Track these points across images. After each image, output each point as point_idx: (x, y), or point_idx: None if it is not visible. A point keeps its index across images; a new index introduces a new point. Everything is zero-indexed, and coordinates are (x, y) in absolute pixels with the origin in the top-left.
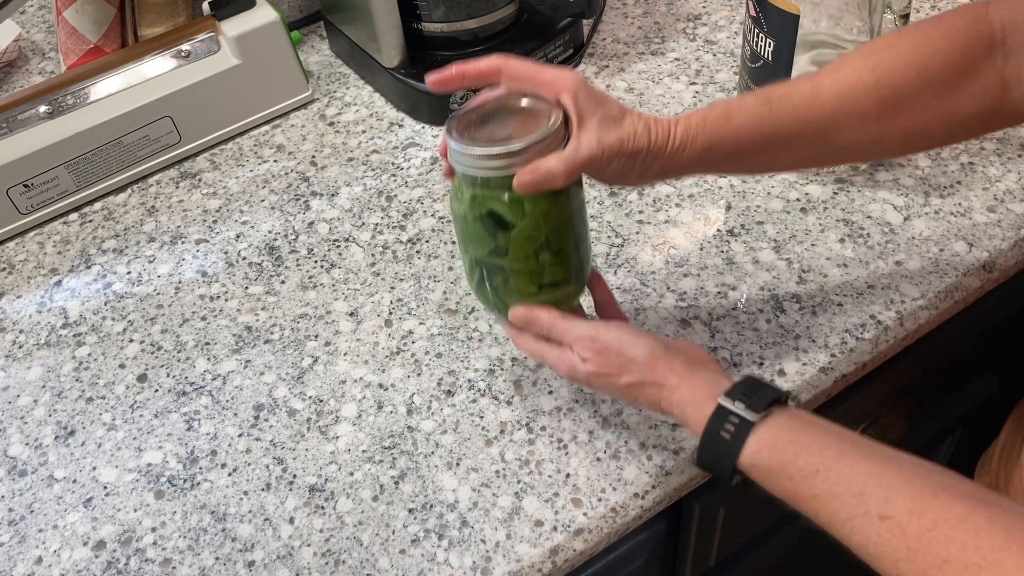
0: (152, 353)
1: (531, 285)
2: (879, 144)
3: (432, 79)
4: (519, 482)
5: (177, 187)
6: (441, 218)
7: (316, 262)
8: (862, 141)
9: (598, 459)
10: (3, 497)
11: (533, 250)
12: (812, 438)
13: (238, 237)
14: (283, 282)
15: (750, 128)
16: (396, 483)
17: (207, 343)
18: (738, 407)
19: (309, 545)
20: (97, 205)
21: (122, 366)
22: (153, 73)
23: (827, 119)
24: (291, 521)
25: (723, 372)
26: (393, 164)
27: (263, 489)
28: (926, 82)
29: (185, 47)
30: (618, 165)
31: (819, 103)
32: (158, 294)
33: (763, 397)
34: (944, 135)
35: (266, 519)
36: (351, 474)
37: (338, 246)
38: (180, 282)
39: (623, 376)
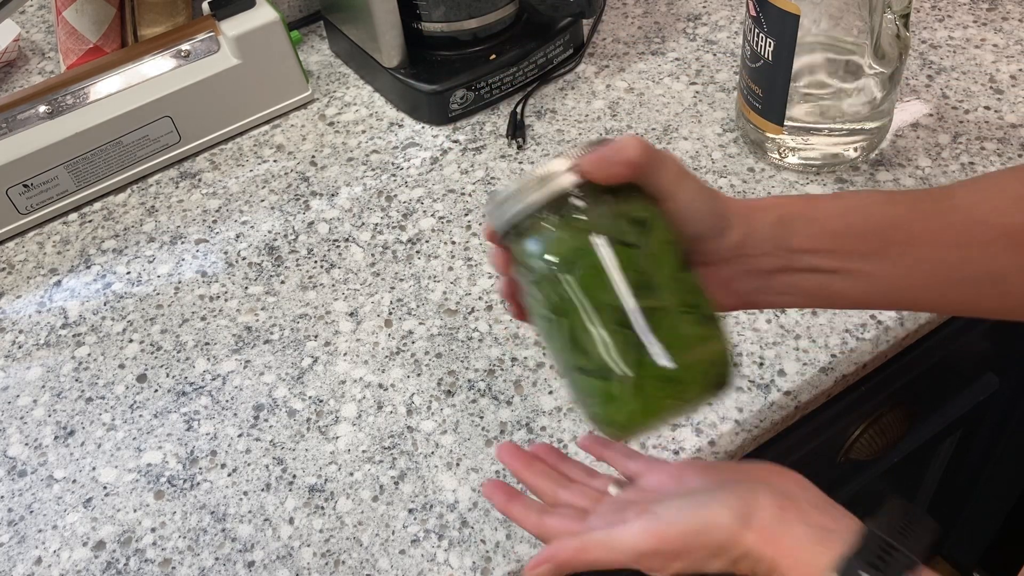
0: (152, 353)
1: (697, 321)
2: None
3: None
4: (519, 483)
5: (177, 187)
6: (441, 218)
7: (316, 262)
8: (1005, 267)
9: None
10: (2, 497)
11: (677, 260)
12: None
13: (238, 237)
14: (283, 282)
15: (860, 211)
16: (396, 483)
17: (207, 343)
18: None
19: (309, 545)
20: (97, 205)
21: (122, 366)
22: (153, 73)
23: (959, 225)
24: (291, 521)
25: (816, 501)
26: (393, 164)
27: (263, 489)
28: None
29: (185, 47)
30: (695, 190)
31: (951, 205)
32: (158, 294)
33: (891, 572)
34: None
35: (266, 519)
36: (351, 474)
37: (338, 246)
38: (180, 282)
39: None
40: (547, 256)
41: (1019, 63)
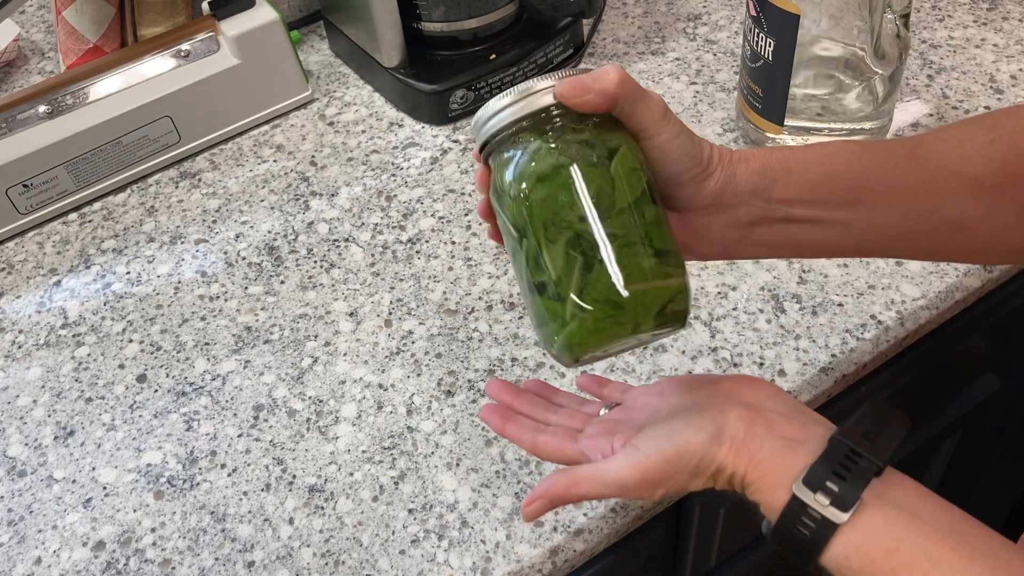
0: (151, 353)
1: (648, 254)
2: (992, 226)
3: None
4: (519, 482)
5: (177, 187)
6: (441, 218)
7: (316, 262)
8: (972, 215)
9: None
10: (2, 497)
11: (640, 191)
12: (916, 545)
13: (238, 237)
14: (283, 282)
15: (836, 163)
16: (396, 483)
17: (206, 343)
18: (820, 501)
19: (309, 545)
20: (96, 205)
21: (121, 366)
22: (153, 73)
23: (930, 175)
24: (291, 521)
25: (786, 411)
26: (393, 164)
27: (263, 489)
28: None
29: (185, 47)
30: (676, 133)
31: (921, 154)
32: (157, 294)
33: (856, 479)
34: None
35: (266, 519)
36: (351, 474)
37: (338, 246)
38: (179, 282)
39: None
40: (514, 173)
41: (1019, 63)
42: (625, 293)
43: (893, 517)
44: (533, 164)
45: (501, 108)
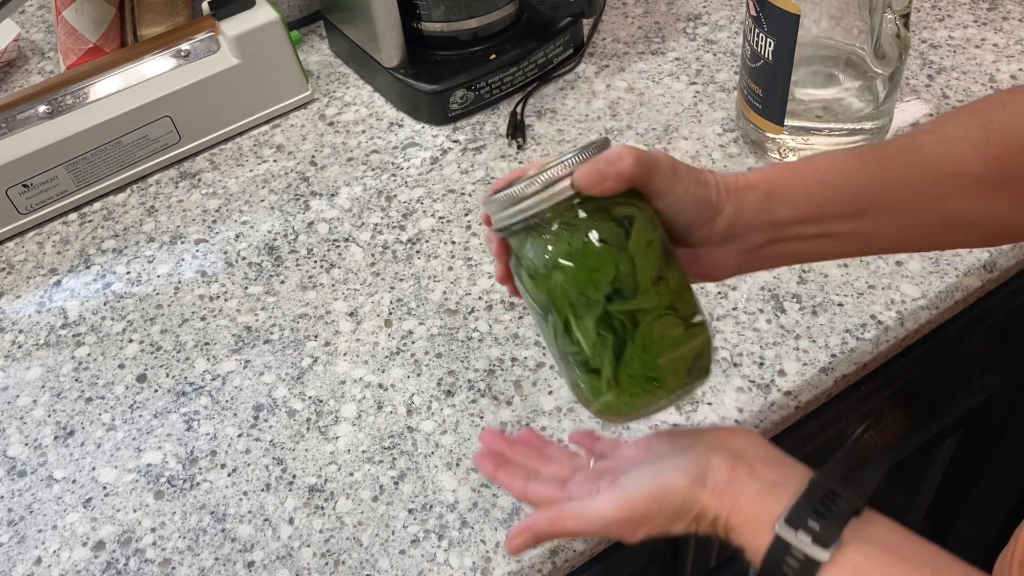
0: (151, 353)
1: (677, 323)
2: (993, 219)
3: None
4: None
5: (177, 187)
6: (441, 218)
7: (316, 262)
8: (973, 212)
9: None
10: (2, 497)
11: (659, 263)
12: None
13: (238, 237)
14: (283, 282)
15: (836, 178)
16: (396, 483)
17: (207, 343)
18: (802, 539)
19: (309, 545)
20: (96, 205)
21: (121, 366)
22: (152, 73)
23: (930, 179)
24: (291, 521)
25: (768, 457)
26: (393, 164)
27: (263, 489)
28: None
29: (185, 47)
30: (686, 187)
31: (919, 159)
32: (157, 294)
33: (835, 519)
34: None
35: (266, 519)
36: (351, 474)
37: (338, 246)
38: (180, 282)
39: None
40: (536, 255)
41: (1019, 63)
42: (650, 366)
43: (873, 554)
44: (556, 247)
45: (520, 198)
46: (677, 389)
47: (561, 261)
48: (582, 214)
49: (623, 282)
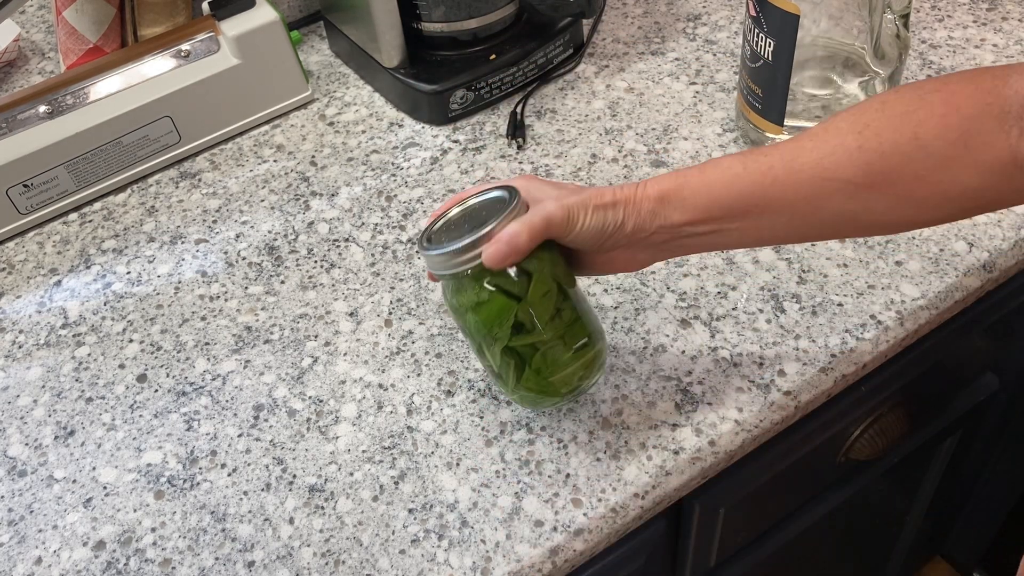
0: (152, 353)
1: (566, 350)
2: (870, 215)
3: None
4: (519, 482)
5: (177, 187)
6: None
7: (316, 262)
8: (850, 210)
9: (598, 459)
10: (3, 497)
11: (553, 307)
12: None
13: (238, 237)
14: (283, 282)
15: (722, 185)
16: (396, 483)
17: (207, 343)
18: None
19: (309, 545)
20: (97, 205)
21: (122, 366)
22: (153, 73)
23: (808, 184)
24: (291, 521)
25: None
26: (393, 164)
27: (263, 489)
28: (918, 150)
29: (185, 47)
30: (584, 223)
31: (798, 166)
32: (158, 294)
33: None
34: (943, 209)
35: (266, 519)
36: (351, 474)
37: (338, 246)
38: (180, 282)
39: None
40: (456, 300)
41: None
42: (543, 387)
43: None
44: (469, 297)
45: (442, 260)
46: (569, 394)
47: (473, 309)
48: (489, 276)
49: (523, 324)
